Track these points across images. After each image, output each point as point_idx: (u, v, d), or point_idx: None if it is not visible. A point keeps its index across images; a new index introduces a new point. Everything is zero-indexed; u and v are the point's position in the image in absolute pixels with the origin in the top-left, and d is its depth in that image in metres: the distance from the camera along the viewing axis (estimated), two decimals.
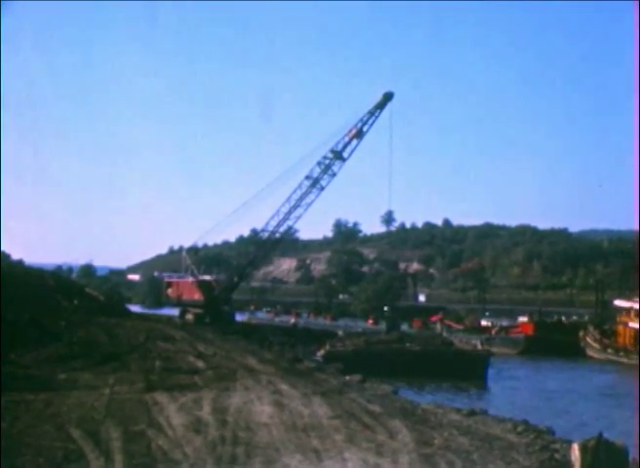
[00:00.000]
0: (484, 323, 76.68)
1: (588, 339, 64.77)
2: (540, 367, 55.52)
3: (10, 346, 21.46)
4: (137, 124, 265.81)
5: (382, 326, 74.40)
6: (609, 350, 62.10)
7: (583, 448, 13.10)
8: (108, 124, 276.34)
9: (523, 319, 74.57)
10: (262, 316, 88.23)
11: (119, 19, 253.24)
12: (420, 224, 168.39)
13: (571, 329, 69.00)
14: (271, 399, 18.51)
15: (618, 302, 65.67)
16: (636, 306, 61.06)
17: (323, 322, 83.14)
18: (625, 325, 61.90)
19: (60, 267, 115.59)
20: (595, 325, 67.65)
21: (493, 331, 70.30)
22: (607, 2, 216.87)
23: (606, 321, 66.24)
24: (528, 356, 60.59)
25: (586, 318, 74.30)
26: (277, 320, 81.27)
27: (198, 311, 65.36)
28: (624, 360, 59.15)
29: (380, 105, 62.34)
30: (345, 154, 62.97)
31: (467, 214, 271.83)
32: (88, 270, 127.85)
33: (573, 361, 58.64)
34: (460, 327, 74.44)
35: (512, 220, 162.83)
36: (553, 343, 62.26)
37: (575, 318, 77.94)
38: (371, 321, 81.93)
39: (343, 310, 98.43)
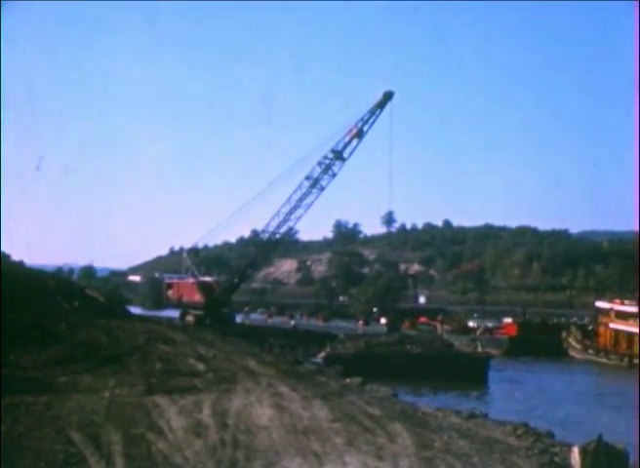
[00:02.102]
0: (471, 324, 76.94)
1: (570, 340, 65.76)
2: (522, 368, 55.44)
3: (10, 348, 21.45)
4: (137, 124, 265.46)
5: (372, 327, 75.70)
6: (590, 351, 63.01)
7: (583, 452, 13.15)
8: (109, 124, 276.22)
9: (507, 320, 74.94)
10: (256, 317, 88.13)
11: (119, 19, 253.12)
12: (420, 225, 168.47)
13: (554, 329, 69.69)
14: (271, 401, 18.51)
15: (598, 304, 66.66)
16: (616, 307, 62.09)
17: (315, 323, 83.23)
18: (606, 326, 62.67)
19: (60, 268, 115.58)
20: (577, 326, 68.75)
21: (478, 332, 70.41)
22: (607, 2, 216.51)
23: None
24: (512, 357, 60.60)
25: (586, 319, 74.41)
26: (270, 321, 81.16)
27: (198, 313, 65.32)
28: (604, 360, 60.55)
29: (381, 104, 61.91)
30: (346, 154, 62.73)
31: (468, 216, 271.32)
32: (88, 271, 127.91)
33: (555, 361, 59.38)
34: (448, 328, 74.53)
35: (512, 221, 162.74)
36: (536, 344, 62.91)
37: (574, 319, 78.02)
38: (361, 322, 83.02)
39: (343, 312, 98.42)
